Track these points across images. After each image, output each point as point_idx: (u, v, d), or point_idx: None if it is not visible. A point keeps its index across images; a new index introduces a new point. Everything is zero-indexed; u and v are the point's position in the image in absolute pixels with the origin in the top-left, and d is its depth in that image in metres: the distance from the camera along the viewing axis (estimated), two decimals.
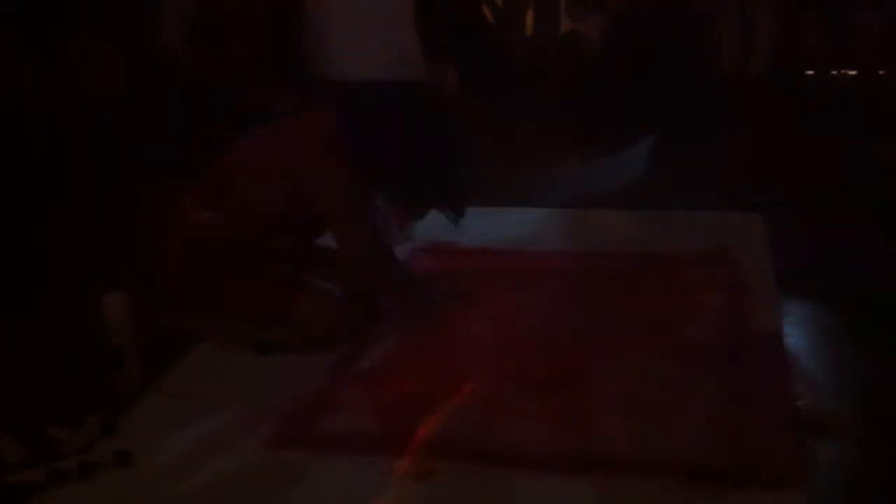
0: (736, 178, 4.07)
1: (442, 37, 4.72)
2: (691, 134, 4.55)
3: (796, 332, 2.63)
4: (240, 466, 2.12)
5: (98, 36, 3.60)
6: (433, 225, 2.87)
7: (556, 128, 4.90)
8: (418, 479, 2.04)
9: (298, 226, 2.74)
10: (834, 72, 5.30)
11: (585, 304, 2.87)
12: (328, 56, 4.43)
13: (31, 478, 2.07)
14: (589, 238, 3.49)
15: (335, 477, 2.07)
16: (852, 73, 5.29)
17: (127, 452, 2.14)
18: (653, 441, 2.13)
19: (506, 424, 2.23)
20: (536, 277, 3.11)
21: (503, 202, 3.84)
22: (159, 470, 2.12)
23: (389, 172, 2.62)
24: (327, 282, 2.74)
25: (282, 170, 2.62)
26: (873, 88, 4.99)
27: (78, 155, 3.31)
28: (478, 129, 3.95)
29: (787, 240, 3.31)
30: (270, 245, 2.70)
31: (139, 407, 2.39)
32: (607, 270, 3.13)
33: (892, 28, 5.02)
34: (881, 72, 5.20)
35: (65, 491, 2.04)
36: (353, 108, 2.65)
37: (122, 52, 3.72)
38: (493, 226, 3.59)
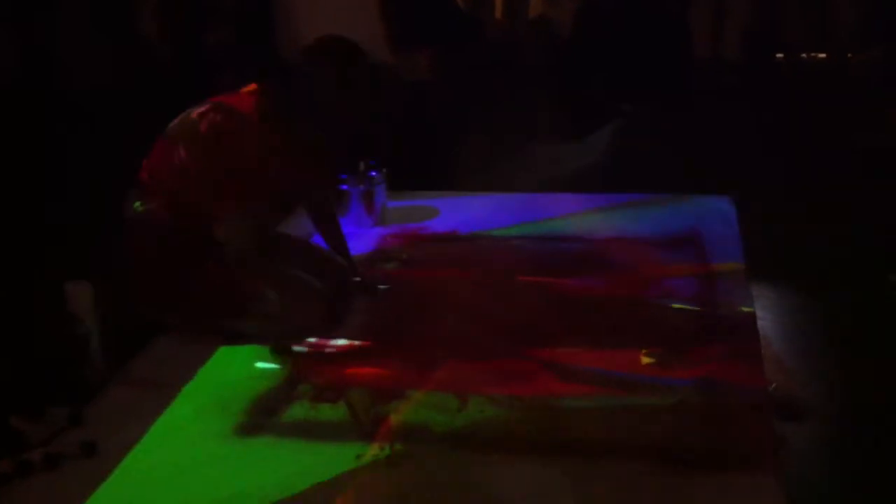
0: (707, 162, 4.08)
1: (412, 22, 4.70)
2: (663, 117, 4.55)
3: (767, 315, 2.64)
4: (206, 455, 2.09)
5: (80, 22, 3.54)
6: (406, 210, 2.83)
7: (526, 112, 4.88)
8: (389, 464, 2.02)
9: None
10: (804, 55, 5.32)
11: (554, 287, 2.87)
12: (296, 41, 4.41)
13: None
14: (559, 222, 3.48)
15: (304, 464, 2.05)
16: (822, 56, 5.32)
17: (93, 444, 2.10)
18: (623, 424, 2.13)
19: (475, 409, 2.22)
20: (504, 262, 3.10)
21: (473, 187, 3.83)
22: (125, 460, 2.08)
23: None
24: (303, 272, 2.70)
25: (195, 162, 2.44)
26: (843, 72, 5.02)
27: (63, 142, 3.24)
28: (449, 115, 3.92)
29: (757, 223, 3.32)
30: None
31: (104, 397, 2.35)
32: (576, 254, 3.13)
33: (863, 12, 5.04)
34: (849, 55, 5.23)
35: (31, 482, 2.01)
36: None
37: (102, 37, 3.65)
38: (462, 210, 3.59)
